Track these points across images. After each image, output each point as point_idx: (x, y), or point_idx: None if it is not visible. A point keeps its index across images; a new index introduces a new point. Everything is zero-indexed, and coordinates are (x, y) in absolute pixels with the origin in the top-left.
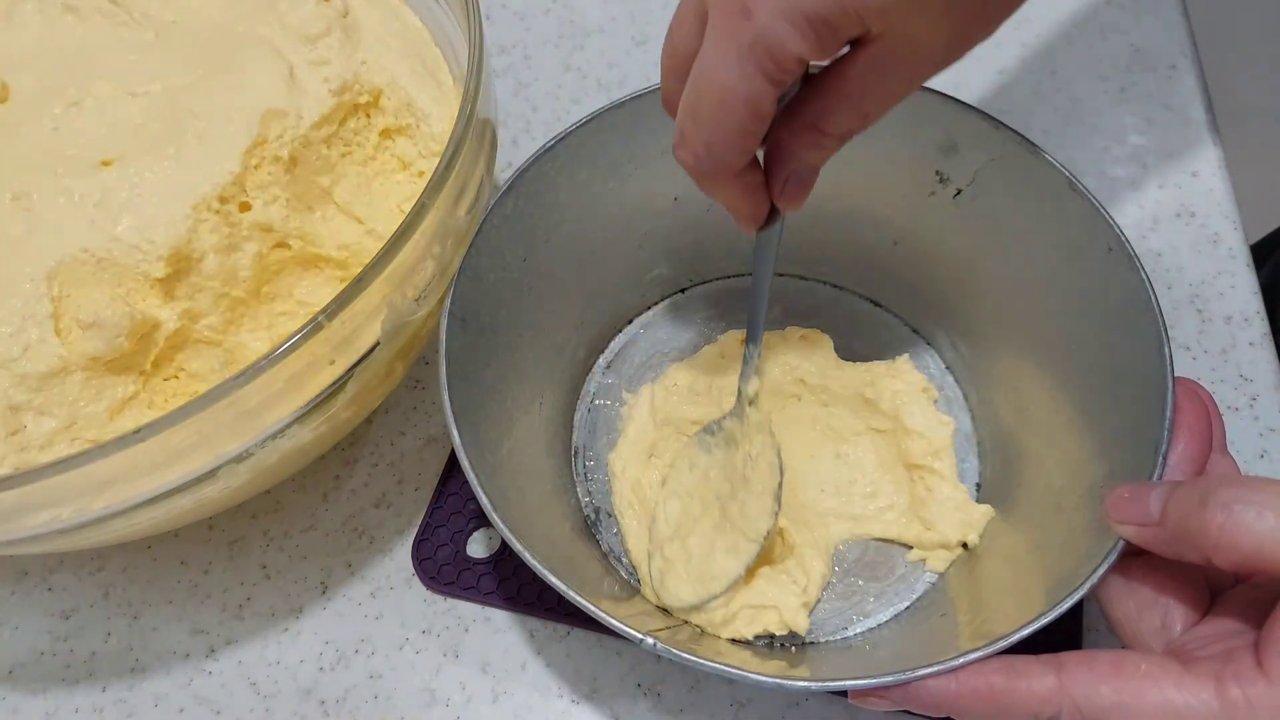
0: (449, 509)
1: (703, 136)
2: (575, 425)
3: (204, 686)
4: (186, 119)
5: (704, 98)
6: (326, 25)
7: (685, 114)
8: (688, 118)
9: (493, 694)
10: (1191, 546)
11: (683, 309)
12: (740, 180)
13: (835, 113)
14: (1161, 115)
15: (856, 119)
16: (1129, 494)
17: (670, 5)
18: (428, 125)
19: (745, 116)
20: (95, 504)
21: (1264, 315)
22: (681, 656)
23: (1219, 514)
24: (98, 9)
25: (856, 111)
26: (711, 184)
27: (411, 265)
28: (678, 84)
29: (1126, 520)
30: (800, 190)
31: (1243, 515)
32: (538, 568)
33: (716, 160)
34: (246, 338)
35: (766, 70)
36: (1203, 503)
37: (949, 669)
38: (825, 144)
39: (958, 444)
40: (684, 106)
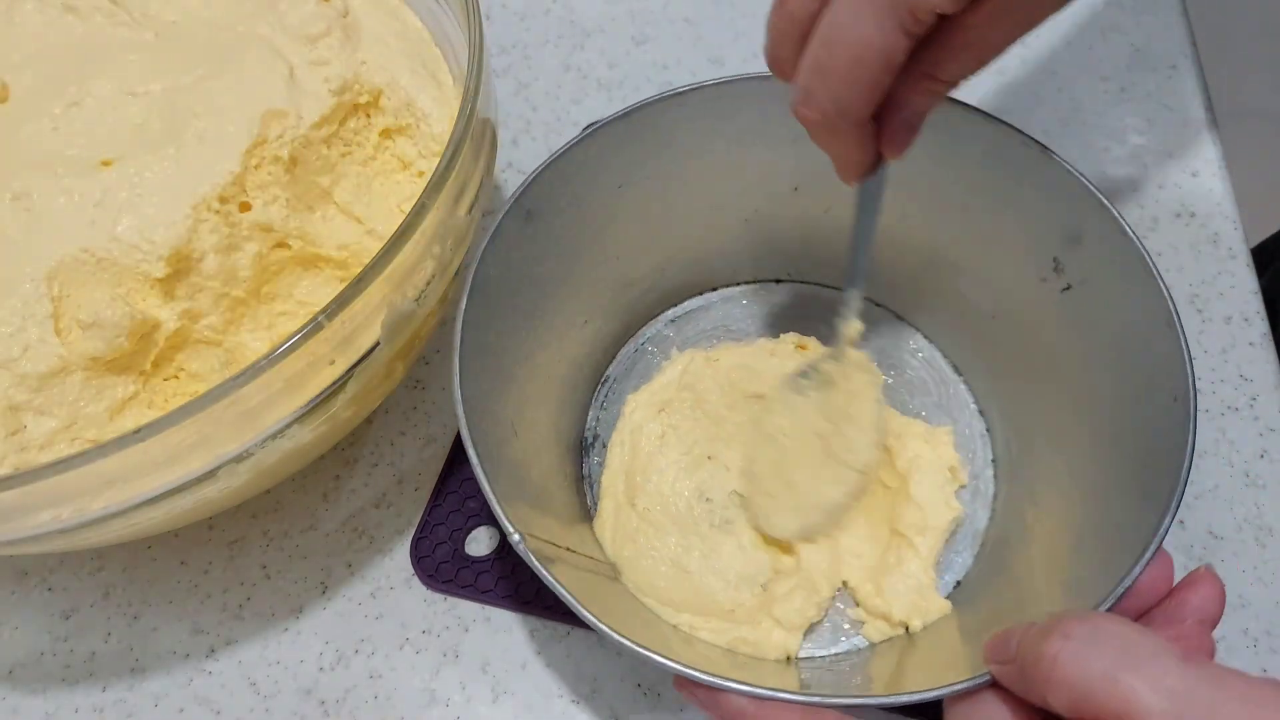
0: (448, 507)
1: (832, 92)
2: (617, 356)
3: (204, 686)
4: (186, 119)
5: (837, 54)
6: (326, 25)
7: (812, 71)
8: (814, 74)
9: (493, 694)
10: (1031, 682)
11: (767, 297)
12: (859, 131)
13: (953, 60)
14: (1161, 115)
15: (973, 64)
16: (1000, 635)
17: (670, 6)
18: (428, 125)
19: (879, 69)
20: (95, 504)
21: (1264, 315)
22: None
23: (1055, 646)
24: (98, 9)
25: (974, 57)
26: (831, 137)
27: (411, 265)
28: (790, 47)
29: (990, 658)
30: (910, 136)
31: (1077, 652)
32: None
33: (845, 114)
34: (246, 338)
35: (905, 23)
36: (1045, 634)
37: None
38: (939, 90)
39: (959, 537)
40: (811, 64)
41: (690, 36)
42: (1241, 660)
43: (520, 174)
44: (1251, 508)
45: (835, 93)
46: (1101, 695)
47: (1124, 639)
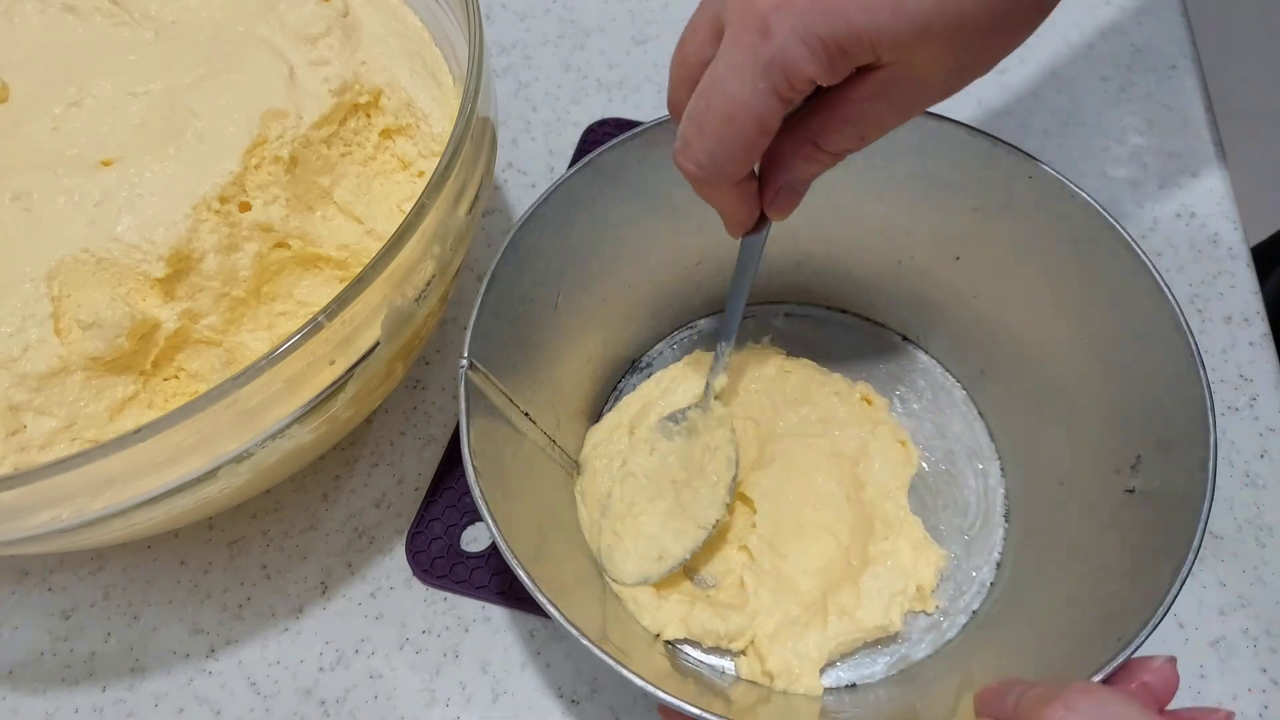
0: (444, 503)
1: (707, 146)
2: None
3: (204, 686)
4: (186, 119)
5: (713, 109)
6: (326, 25)
7: (691, 122)
8: (693, 126)
9: (493, 694)
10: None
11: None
12: (737, 189)
13: (835, 133)
14: (1161, 115)
15: (854, 140)
16: (997, 688)
17: (670, 6)
18: (428, 125)
19: (752, 130)
20: (95, 504)
21: (1264, 315)
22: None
23: (1058, 713)
24: (98, 9)
25: (855, 134)
26: (710, 190)
27: (411, 265)
28: (685, 92)
29: (983, 711)
30: (791, 201)
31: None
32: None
33: (718, 169)
34: (246, 338)
35: (779, 88)
36: (1047, 700)
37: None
38: (821, 159)
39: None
40: (690, 115)
41: None
42: (1242, 659)
43: (521, 174)
44: (1251, 508)
45: (710, 147)
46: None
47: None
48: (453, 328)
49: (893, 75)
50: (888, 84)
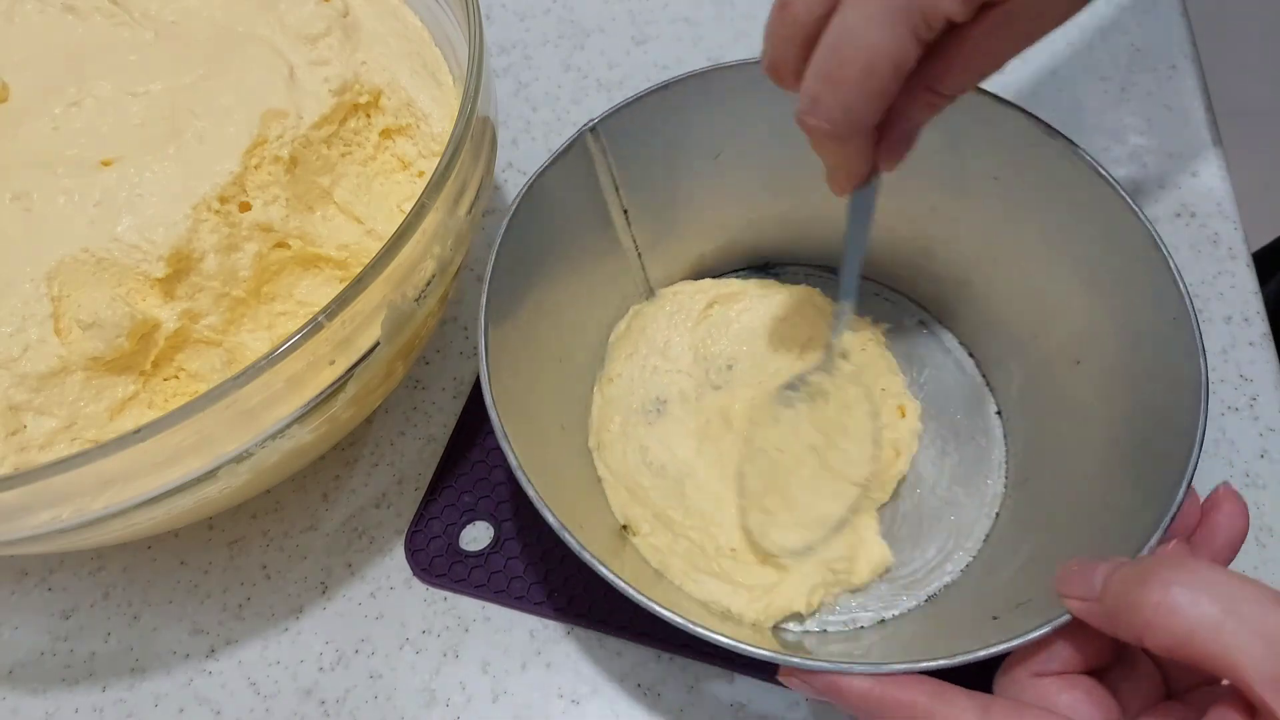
0: (443, 501)
1: (842, 99)
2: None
3: (204, 686)
4: (186, 119)
5: (847, 60)
6: (326, 25)
7: (820, 79)
8: (824, 83)
9: (493, 694)
10: (1126, 624)
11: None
12: (862, 141)
13: (954, 74)
14: (1161, 115)
15: (973, 78)
16: (1078, 567)
17: (670, 5)
18: (428, 125)
19: (890, 77)
20: (95, 504)
21: (1264, 315)
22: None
23: (1156, 592)
24: (98, 9)
25: (975, 71)
26: (838, 145)
27: (411, 265)
28: (794, 50)
29: (1070, 594)
30: (906, 148)
31: (1179, 597)
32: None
33: (853, 122)
34: (246, 338)
35: (918, 29)
36: (1143, 580)
37: (877, 674)
38: (938, 103)
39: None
40: (819, 71)
41: (690, 36)
42: None
43: (521, 174)
44: (1252, 508)
45: (846, 100)
46: (1203, 640)
47: (1226, 586)
48: (453, 327)
49: (1016, 5)
50: (1010, 15)
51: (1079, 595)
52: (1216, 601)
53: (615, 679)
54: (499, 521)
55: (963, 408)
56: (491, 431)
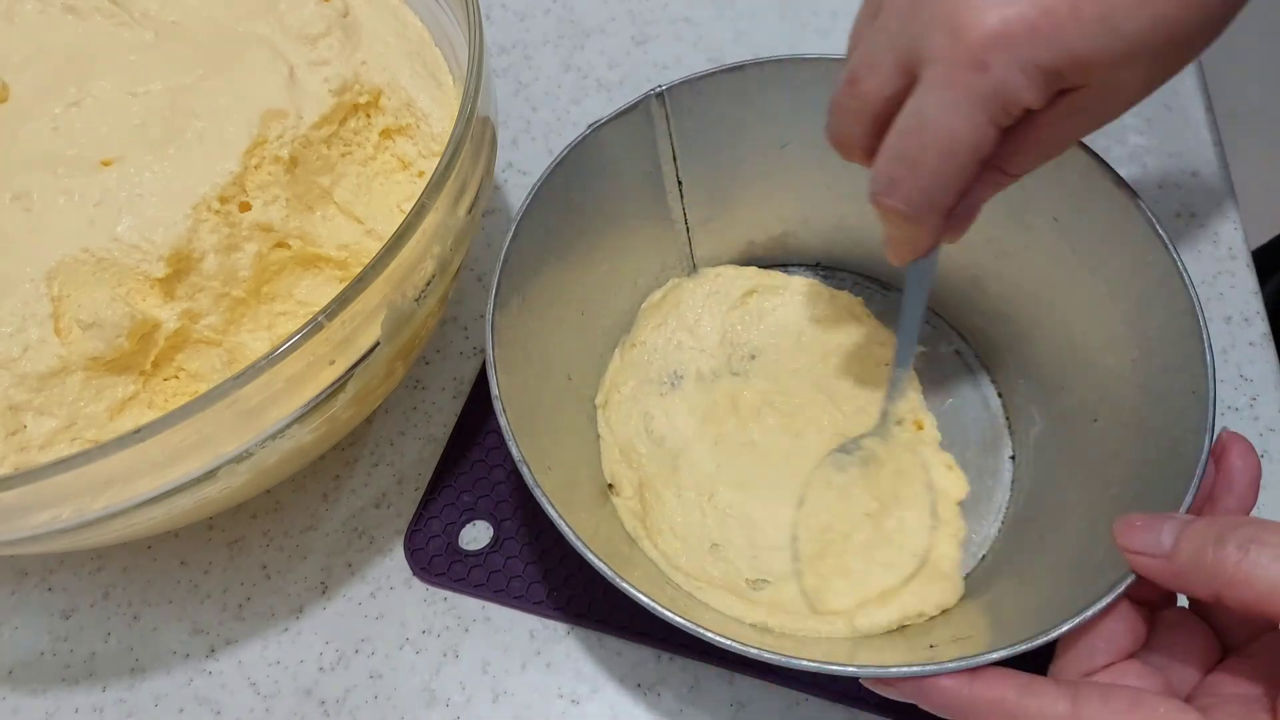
0: (443, 500)
1: (921, 184)
2: None
3: (204, 686)
4: (186, 119)
5: (928, 145)
6: (326, 25)
7: (898, 162)
8: (902, 166)
9: (493, 694)
10: (1202, 582)
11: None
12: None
13: (1023, 155)
14: (1161, 115)
15: (1041, 160)
16: (1141, 522)
17: (670, 6)
18: (428, 125)
19: (969, 161)
20: (95, 504)
21: (1264, 315)
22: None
23: (1235, 552)
24: (98, 9)
25: (1043, 154)
26: (913, 226)
27: (411, 265)
28: (861, 128)
29: (1136, 548)
30: (968, 223)
31: (1259, 556)
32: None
33: (931, 205)
34: (246, 338)
35: (997, 118)
36: (1220, 539)
37: (966, 668)
38: (1004, 182)
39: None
40: (897, 155)
41: (690, 36)
42: None
43: (521, 174)
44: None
45: (924, 185)
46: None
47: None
48: (453, 327)
49: (1090, 94)
50: (1084, 103)
51: (1147, 550)
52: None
53: (615, 679)
54: (498, 521)
55: (978, 444)
56: (492, 431)
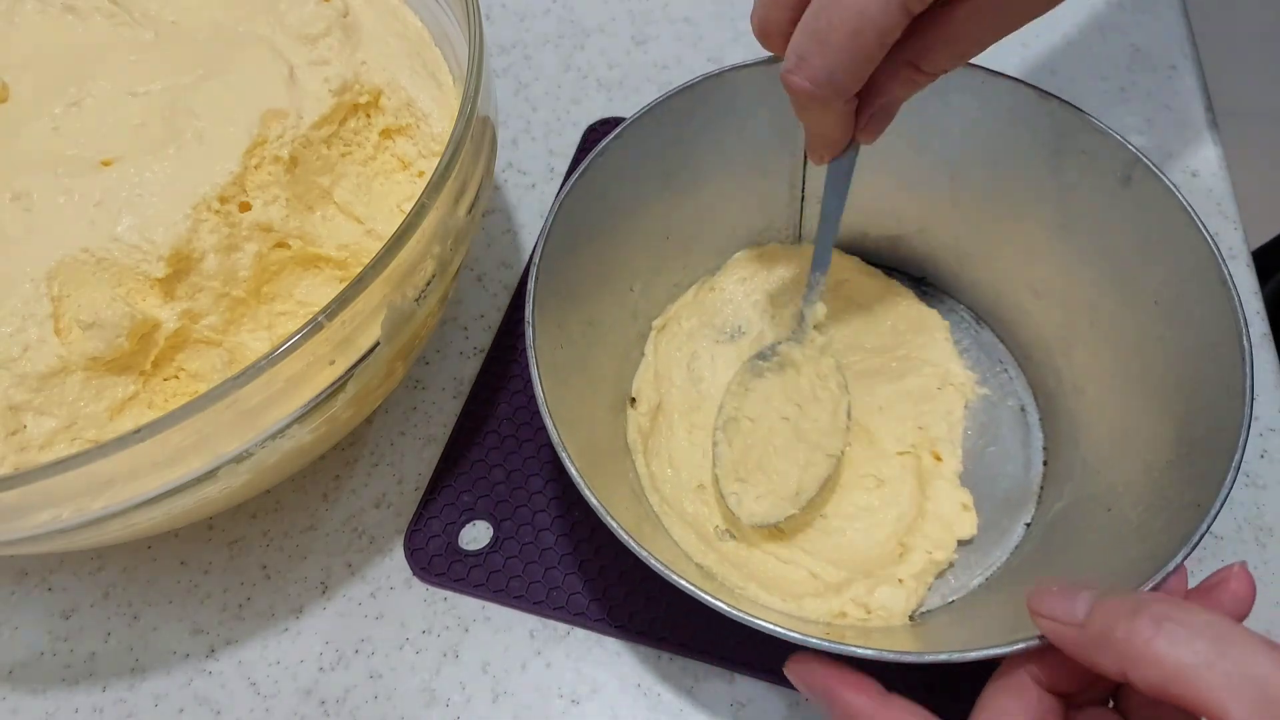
0: (443, 500)
1: (827, 62)
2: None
3: (204, 686)
4: (186, 119)
5: (836, 25)
6: (326, 25)
7: (808, 39)
8: (812, 42)
9: (493, 694)
10: (1111, 656)
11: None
12: (843, 108)
13: (936, 52)
14: (1161, 115)
15: (954, 59)
16: (1057, 589)
17: (670, 6)
18: (428, 125)
19: (875, 45)
20: (95, 504)
21: (1264, 315)
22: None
23: (1148, 628)
24: (98, 9)
25: (956, 52)
26: (819, 108)
27: (411, 265)
28: (782, 12)
29: (1047, 614)
30: (883, 124)
31: (1173, 634)
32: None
33: (834, 86)
34: (246, 338)
35: (907, 2)
36: (1135, 612)
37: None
38: (919, 80)
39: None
40: (808, 32)
41: (690, 36)
42: None
43: (521, 174)
44: (1252, 508)
45: (830, 62)
46: (1192, 680)
47: (1219, 627)
48: (453, 327)
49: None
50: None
51: (1058, 617)
52: (1209, 642)
53: (615, 679)
54: (498, 521)
55: (1001, 500)
56: (491, 431)
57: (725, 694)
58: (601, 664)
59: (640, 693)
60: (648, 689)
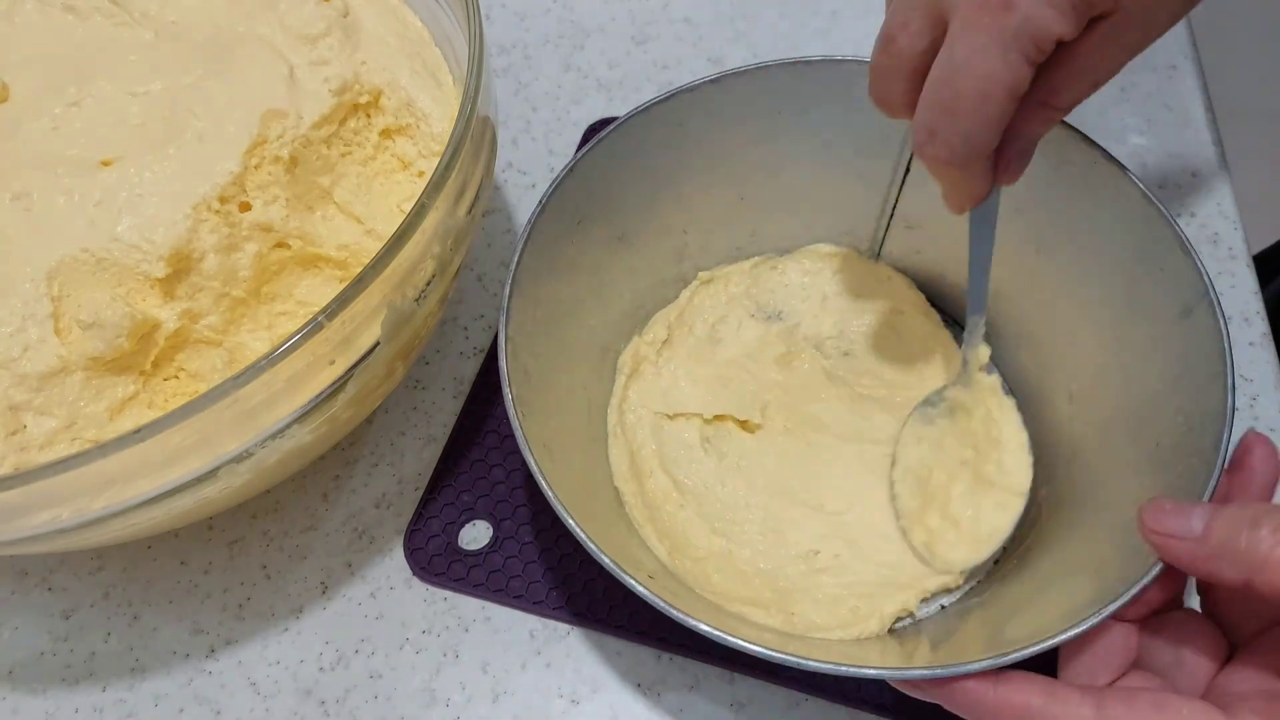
0: (442, 500)
1: (961, 129)
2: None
3: (204, 686)
4: (186, 119)
5: (963, 92)
6: (326, 25)
7: (936, 111)
8: (941, 114)
9: (493, 694)
10: (1234, 566)
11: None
12: (985, 164)
13: (1067, 87)
14: (1161, 115)
15: (1088, 89)
16: (1170, 506)
17: (670, 6)
18: (428, 125)
19: (1006, 102)
20: (95, 504)
21: (1264, 315)
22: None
23: (1270, 536)
24: (98, 9)
25: (1088, 81)
26: (961, 171)
27: (411, 265)
28: (901, 84)
29: (1165, 531)
30: (1024, 163)
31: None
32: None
33: (974, 149)
34: (246, 338)
35: (1029, 54)
36: (1255, 523)
37: (993, 668)
38: (1054, 117)
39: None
40: (934, 104)
41: (690, 36)
42: None
43: (521, 174)
44: None
45: (964, 130)
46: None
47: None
48: (453, 327)
49: (1124, 18)
50: (1119, 26)
51: (1176, 533)
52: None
53: (615, 679)
54: (498, 521)
55: None
56: (491, 430)
57: (725, 694)
58: (601, 664)
59: (640, 693)
60: (648, 689)
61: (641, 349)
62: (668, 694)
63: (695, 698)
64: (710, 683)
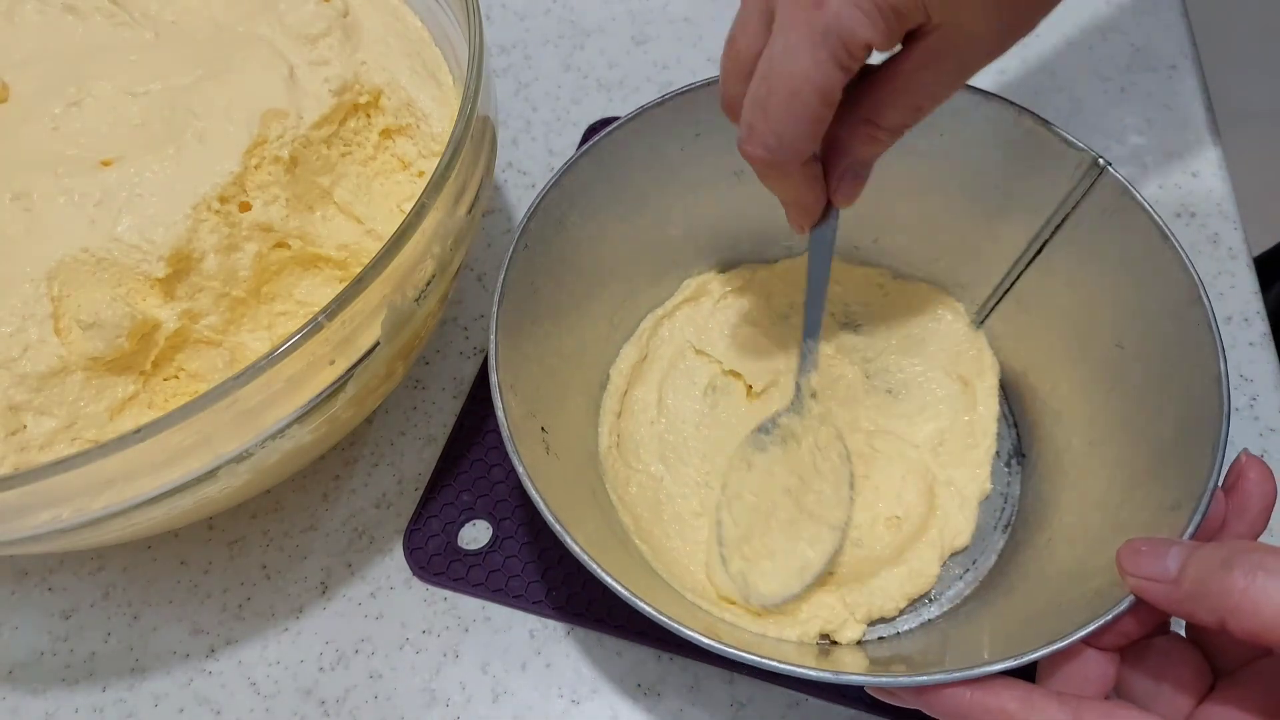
0: (442, 500)
1: (773, 126)
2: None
3: (204, 686)
4: (186, 119)
5: (775, 90)
6: (326, 25)
7: (754, 107)
8: (757, 111)
9: (493, 694)
10: (1206, 608)
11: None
12: (805, 171)
13: (890, 107)
14: (1161, 115)
15: (910, 113)
16: (1146, 547)
17: (670, 6)
18: (428, 125)
19: (816, 103)
20: (95, 504)
21: (1264, 315)
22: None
23: (1241, 579)
24: (98, 9)
25: (911, 105)
26: (779, 174)
27: (411, 265)
28: (740, 85)
29: (1140, 573)
30: (855, 185)
31: (1266, 583)
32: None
33: (785, 149)
34: (246, 338)
35: (838, 56)
36: (1227, 565)
37: (967, 679)
38: (880, 138)
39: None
40: (753, 101)
41: (690, 36)
42: None
43: (521, 174)
44: None
45: (776, 127)
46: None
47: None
48: (453, 327)
49: (942, 38)
50: (938, 49)
51: (1151, 575)
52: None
53: (615, 679)
54: (498, 520)
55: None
56: (491, 430)
57: (725, 694)
58: (601, 664)
59: (640, 693)
60: (648, 689)
61: (713, 284)
62: (668, 694)
63: (695, 698)
64: (710, 683)
